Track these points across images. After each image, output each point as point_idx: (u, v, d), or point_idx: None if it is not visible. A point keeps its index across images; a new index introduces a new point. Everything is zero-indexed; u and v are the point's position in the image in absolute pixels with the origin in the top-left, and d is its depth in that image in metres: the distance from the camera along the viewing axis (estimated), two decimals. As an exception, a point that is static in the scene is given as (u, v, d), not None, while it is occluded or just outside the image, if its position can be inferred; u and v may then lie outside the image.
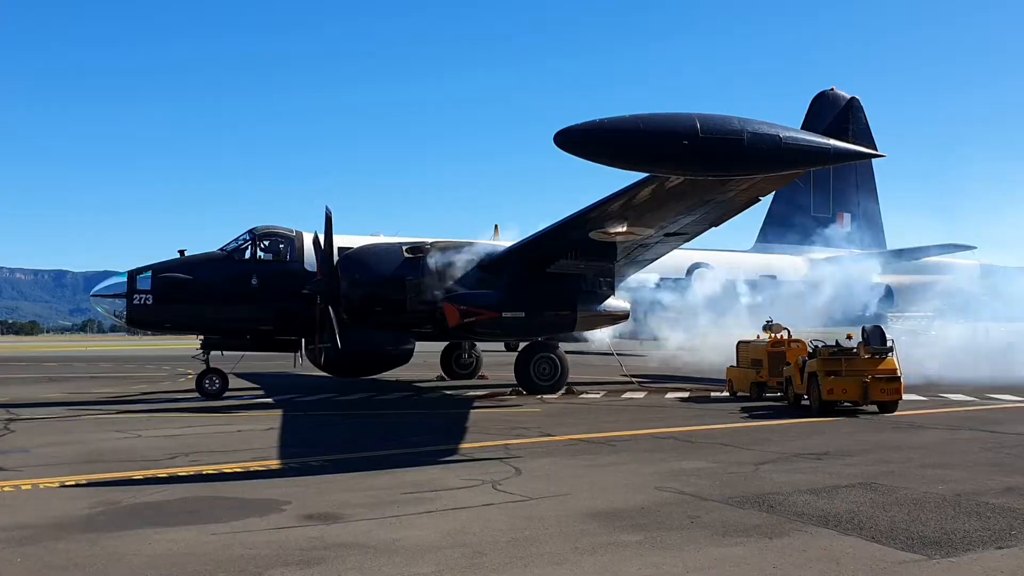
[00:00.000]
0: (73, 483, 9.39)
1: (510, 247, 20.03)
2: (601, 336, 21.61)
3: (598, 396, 20.13)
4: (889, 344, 16.27)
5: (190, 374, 26.49)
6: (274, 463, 10.78)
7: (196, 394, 20.26)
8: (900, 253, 28.20)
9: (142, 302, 19.79)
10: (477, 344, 25.89)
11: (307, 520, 7.54)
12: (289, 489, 8.93)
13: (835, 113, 29.43)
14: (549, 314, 19.67)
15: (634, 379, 23.40)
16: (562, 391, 20.55)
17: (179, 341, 48.50)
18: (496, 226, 24.84)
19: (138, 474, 9.90)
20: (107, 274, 22.31)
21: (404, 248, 20.10)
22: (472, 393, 21.07)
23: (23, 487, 9.21)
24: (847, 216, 29.85)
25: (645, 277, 22.34)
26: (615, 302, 20.33)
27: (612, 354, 23.61)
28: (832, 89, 30.31)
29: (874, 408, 15.98)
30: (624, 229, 17.15)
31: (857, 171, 29.77)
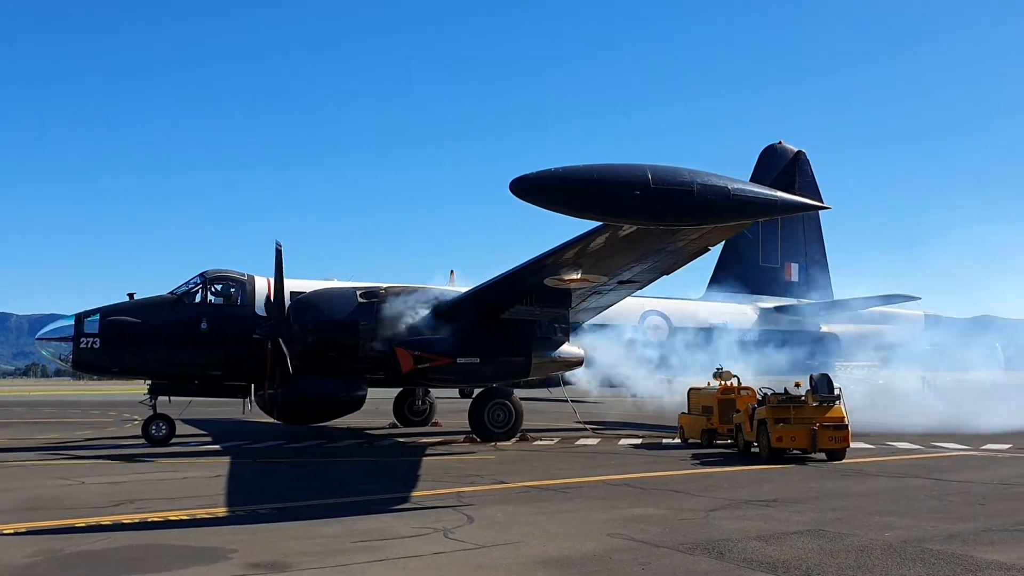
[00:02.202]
0: (12, 531, 9.11)
1: (465, 293, 20.05)
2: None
3: (552, 443, 20.12)
4: (836, 392, 16.56)
5: (136, 420, 25.94)
6: (221, 511, 10.58)
7: (142, 440, 19.83)
8: (847, 303, 28.77)
9: (89, 346, 19.42)
10: (431, 391, 25.75)
11: (254, 568, 7.42)
12: (236, 537, 8.77)
13: (782, 166, 30.16)
14: (503, 360, 19.62)
15: (588, 426, 23.44)
16: (516, 438, 20.48)
17: (125, 386, 47.53)
18: (452, 271, 24.88)
19: (81, 522, 9.66)
20: (53, 317, 21.87)
21: (358, 293, 19.99)
22: (425, 440, 20.92)
23: (-41, 536, 8.92)
24: (795, 266, 30.44)
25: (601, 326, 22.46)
26: (569, 348, 20.37)
27: (566, 400, 23.65)
28: (780, 143, 31.07)
29: (823, 456, 16.19)
30: (579, 276, 17.30)
31: (804, 222, 30.46)
